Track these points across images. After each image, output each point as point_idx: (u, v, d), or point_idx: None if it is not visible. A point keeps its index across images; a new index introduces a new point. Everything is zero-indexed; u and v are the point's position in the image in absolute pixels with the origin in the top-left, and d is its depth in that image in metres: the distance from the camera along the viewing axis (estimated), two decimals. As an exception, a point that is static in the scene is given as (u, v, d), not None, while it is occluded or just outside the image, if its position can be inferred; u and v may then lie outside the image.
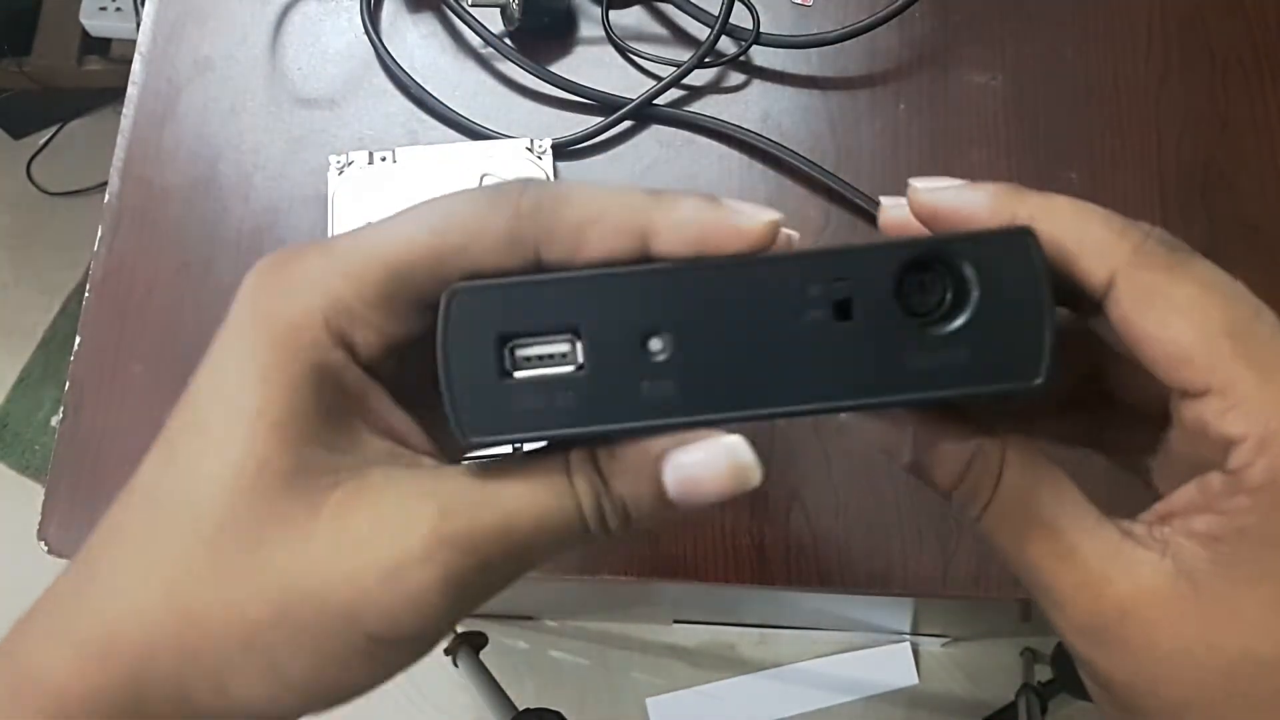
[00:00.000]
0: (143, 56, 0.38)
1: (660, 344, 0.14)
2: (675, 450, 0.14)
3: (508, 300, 0.14)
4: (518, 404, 0.14)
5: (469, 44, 0.38)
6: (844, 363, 0.14)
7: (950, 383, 0.14)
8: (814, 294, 0.14)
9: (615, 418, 0.14)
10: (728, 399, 0.14)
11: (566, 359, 0.14)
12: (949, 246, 0.14)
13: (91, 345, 0.34)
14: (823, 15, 0.38)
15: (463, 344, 0.14)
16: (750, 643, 0.91)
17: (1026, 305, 0.14)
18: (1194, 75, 0.37)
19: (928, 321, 0.14)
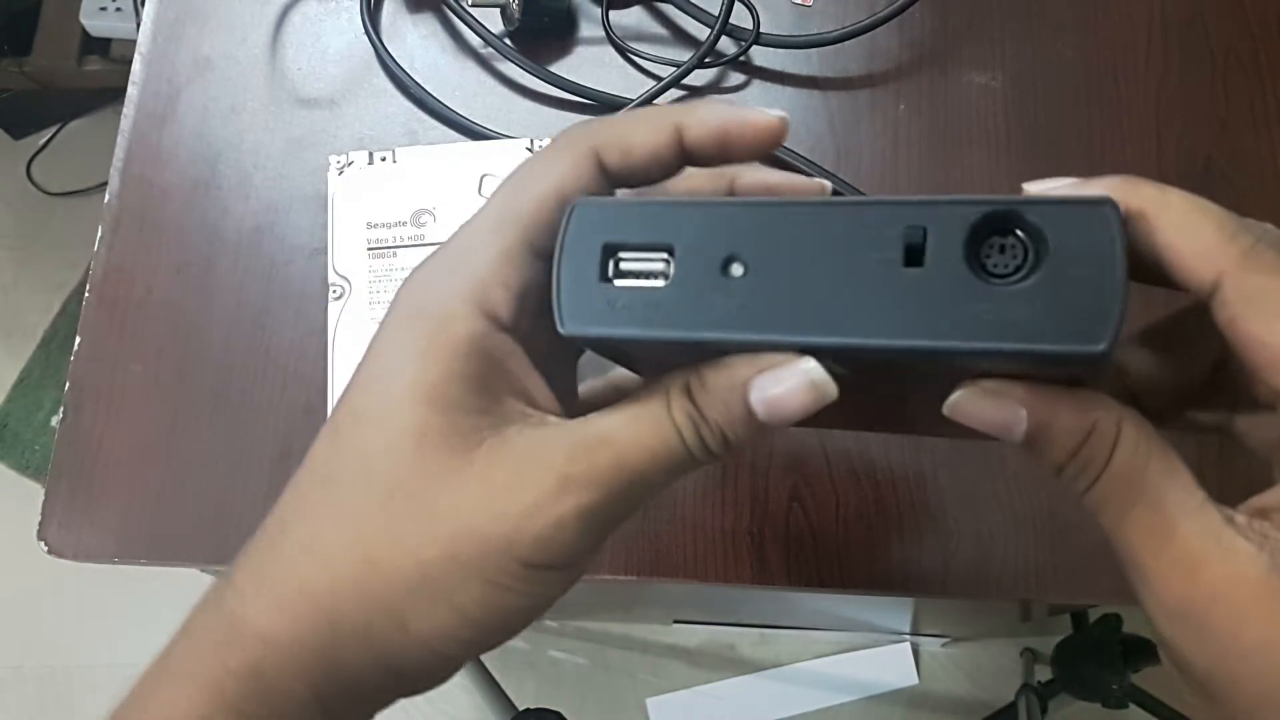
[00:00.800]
0: (143, 56, 0.38)
1: (740, 268, 0.15)
2: (757, 377, 0.16)
3: (616, 216, 0.16)
4: (612, 305, 0.16)
5: (469, 44, 0.38)
6: (906, 304, 0.14)
7: (1008, 336, 0.14)
8: (887, 237, 0.15)
9: (690, 326, 0.16)
10: (791, 323, 0.15)
11: (661, 275, 0.16)
12: (1024, 207, 0.14)
13: (91, 345, 0.34)
14: (823, 15, 0.38)
15: (575, 249, 0.16)
16: (750, 643, 0.91)
17: (1100, 272, 0.14)
18: (1194, 75, 0.37)
19: (999, 278, 0.14)
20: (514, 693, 0.71)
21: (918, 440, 0.33)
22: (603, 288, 0.16)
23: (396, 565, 0.16)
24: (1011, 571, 0.32)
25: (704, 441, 0.16)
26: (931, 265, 0.14)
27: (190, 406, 0.34)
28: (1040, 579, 0.32)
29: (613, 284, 0.16)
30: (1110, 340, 0.14)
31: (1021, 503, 0.33)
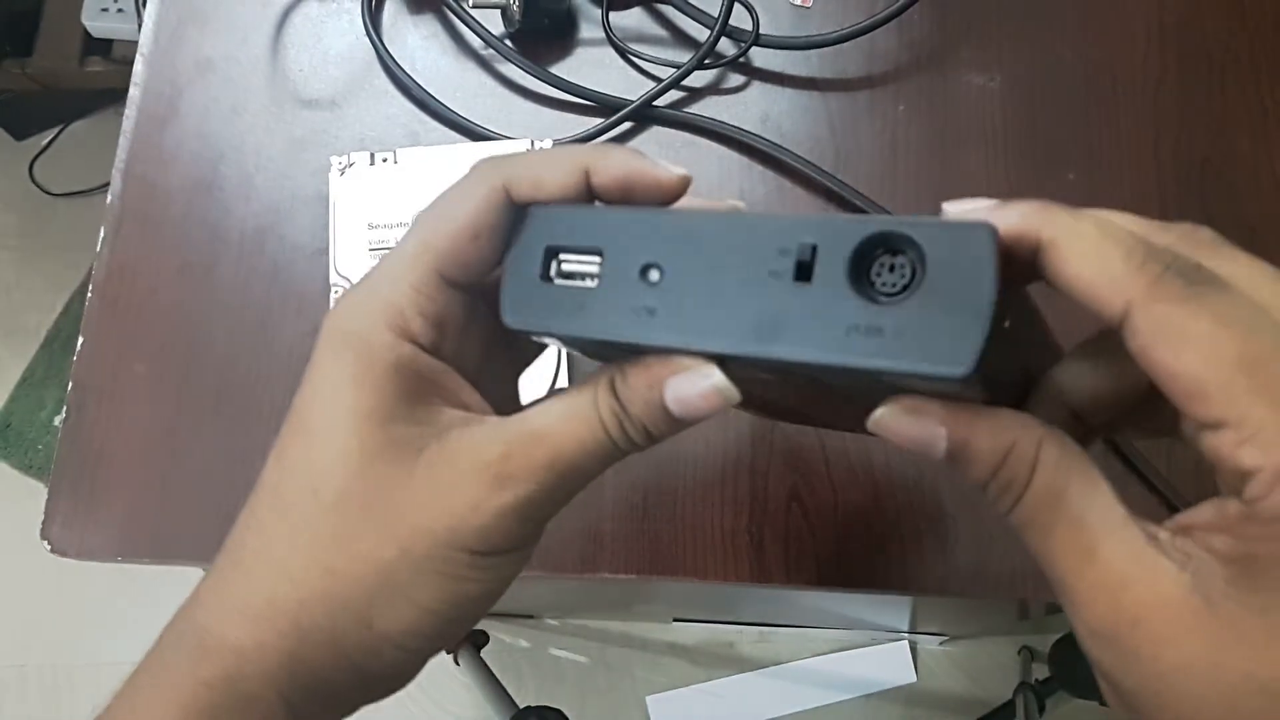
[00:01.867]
0: (144, 57, 0.38)
1: (657, 274, 0.17)
2: (670, 378, 0.17)
3: (562, 221, 0.18)
4: (549, 303, 0.17)
5: (470, 45, 0.38)
6: (794, 318, 0.15)
7: (879, 354, 0.15)
8: (782, 252, 0.16)
9: (610, 328, 0.17)
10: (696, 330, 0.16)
11: (593, 277, 0.17)
12: (906, 228, 0.15)
13: (94, 345, 0.35)
14: (822, 17, 0.38)
15: (522, 250, 0.18)
16: (749, 641, 0.92)
17: (972, 297, 0.14)
18: (1192, 76, 0.37)
19: (882, 298, 0.15)
20: (515, 691, 0.71)
21: (916, 440, 0.33)
22: (542, 287, 0.17)
23: (356, 571, 0.17)
24: (1009, 570, 0.32)
25: (628, 434, 0.18)
26: (818, 281, 0.15)
27: (193, 406, 0.34)
28: (1038, 578, 0.32)
29: (552, 283, 0.17)
30: (972, 364, 0.14)
31: (1019, 502, 0.33)
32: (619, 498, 0.33)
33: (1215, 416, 0.14)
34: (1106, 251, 0.15)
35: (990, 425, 0.16)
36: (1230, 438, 0.14)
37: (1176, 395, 0.14)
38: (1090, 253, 0.15)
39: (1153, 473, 0.33)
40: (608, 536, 0.32)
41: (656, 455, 0.33)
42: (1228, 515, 0.15)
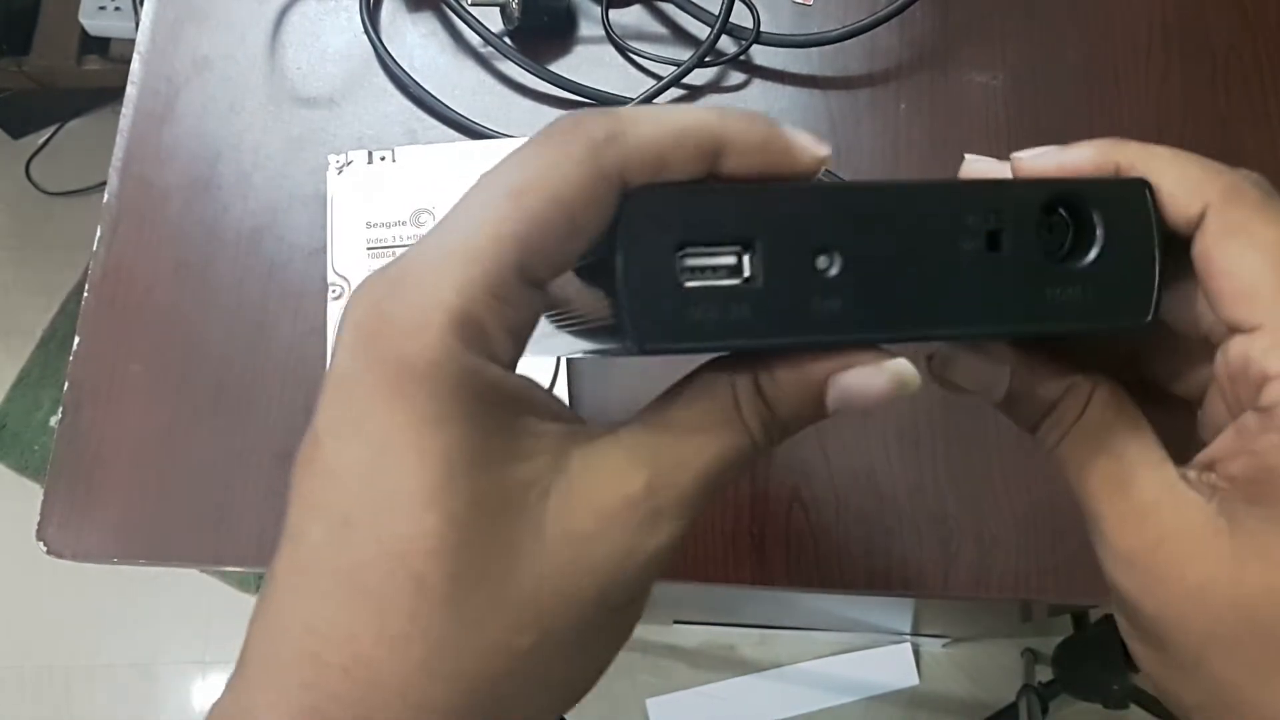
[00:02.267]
0: (142, 56, 0.38)
1: (828, 261, 0.14)
2: (841, 375, 0.15)
3: (682, 208, 0.14)
4: (692, 313, 0.14)
5: (468, 43, 0.38)
6: (994, 291, 0.15)
7: (1078, 317, 0.15)
8: (970, 223, 0.15)
9: (788, 331, 0.14)
10: (891, 319, 0.15)
11: (732, 272, 0.14)
12: (1086, 187, 0.15)
13: (90, 345, 0.34)
14: (823, 14, 0.38)
15: (638, 250, 0.14)
16: (750, 643, 0.91)
17: (1141, 249, 0.15)
18: (1194, 73, 0.37)
19: (1060, 259, 0.15)
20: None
21: (918, 441, 0.33)
22: (680, 293, 0.14)
23: (490, 672, 0.13)
24: (1012, 572, 0.32)
25: (771, 438, 0.15)
26: (1009, 250, 0.15)
27: (189, 406, 0.34)
28: (1041, 579, 0.32)
29: (687, 287, 0.14)
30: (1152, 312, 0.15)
31: (1022, 503, 0.32)
32: (619, 499, 0.32)
33: (1256, 319, 0.15)
34: (1184, 161, 0.16)
35: (1053, 368, 0.16)
36: (1262, 342, 0.14)
37: (1225, 295, 0.15)
38: (1168, 165, 0.16)
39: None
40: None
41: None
42: (1246, 432, 0.15)
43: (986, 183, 0.15)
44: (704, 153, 0.14)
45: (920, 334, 0.15)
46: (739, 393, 0.15)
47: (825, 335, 0.14)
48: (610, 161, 0.13)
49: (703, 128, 0.14)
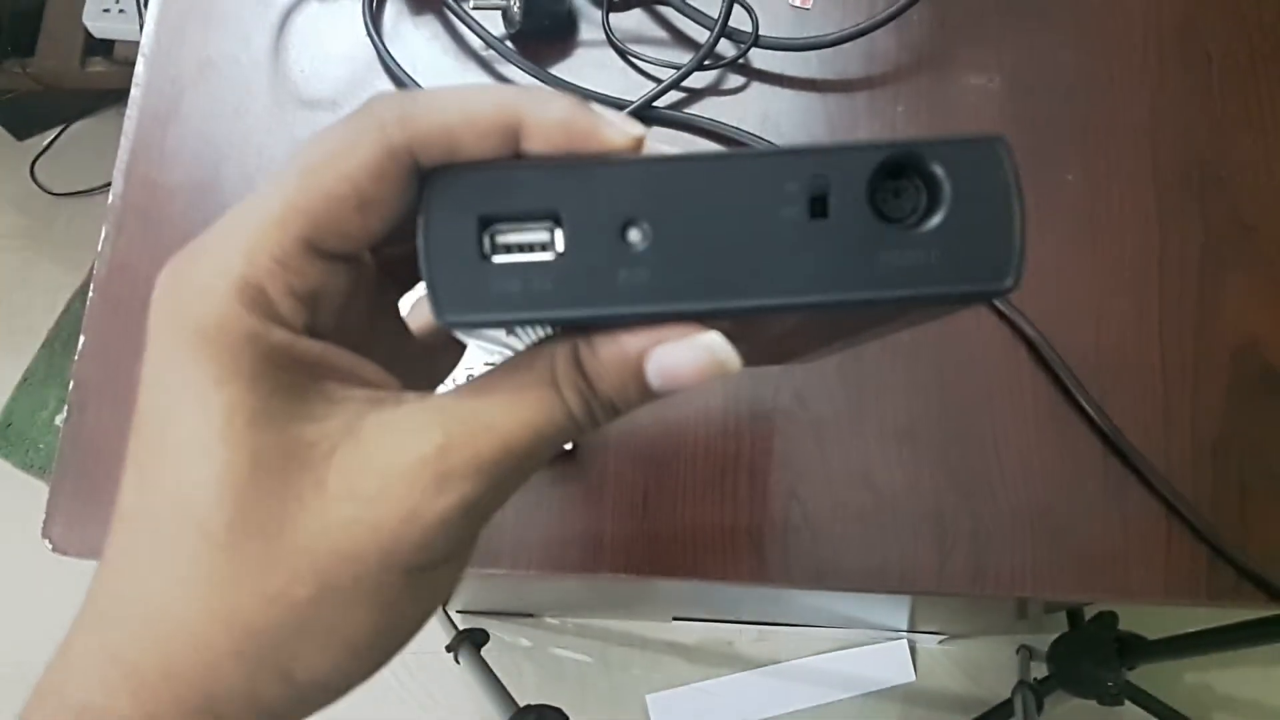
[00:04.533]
0: (146, 58, 0.38)
1: (638, 234, 0.14)
2: (655, 349, 0.14)
3: (488, 185, 0.14)
4: (496, 287, 0.14)
5: (470, 46, 0.38)
6: (818, 259, 0.14)
7: (921, 281, 0.14)
8: (790, 190, 0.14)
9: (590, 303, 0.14)
10: (702, 290, 0.14)
11: (546, 247, 0.14)
12: (922, 149, 0.14)
13: (95, 345, 0.35)
14: (821, 18, 0.38)
15: (443, 226, 0.14)
16: (748, 640, 0.92)
17: (999, 209, 0.14)
18: (1190, 76, 0.37)
19: (902, 224, 0.14)
20: (515, 689, 0.71)
21: (915, 438, 0.33)
22: (482, 267, 0.14)
23: (269, 618, 0.14)
24: (1008, 569, 0.32)
25: (593, 413, 0.15)
26: (836, 215, 0.14)
27: (194, 406, 0.34)
28: (1036, 576, 0.32)
29: (492, 261, 0.14)
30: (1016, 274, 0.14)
31: (1018, 500, 0.33)
32: (619, 497, 0.33)
33: None
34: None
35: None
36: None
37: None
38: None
39: (1151, 471, 0.33)
40: (608, 536, 0.32)
41: (656, 454, 0.33)
42: None
43: (809, 148, 0.14)
44: (499, 132, 0.14)
45: (731, 304, 0.14)
46: (557, 362, 0.15)
47: (628, 306, 0.14)
48: (399, 141, 0.14)
49: (495, 107, 0.14)
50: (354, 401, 0.15)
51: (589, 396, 0.15)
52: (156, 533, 0.14)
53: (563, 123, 0.14)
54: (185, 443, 0.14)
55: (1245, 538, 0.32)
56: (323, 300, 0.15)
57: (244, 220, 0.14)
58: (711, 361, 0.14)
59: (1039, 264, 0.35)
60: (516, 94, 0.14)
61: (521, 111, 0.14)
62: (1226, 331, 0.34)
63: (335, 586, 0.14)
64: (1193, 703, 0.81)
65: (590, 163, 0.14)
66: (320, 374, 0.15)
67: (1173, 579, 0.32)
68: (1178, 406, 0.34)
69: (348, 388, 0.15)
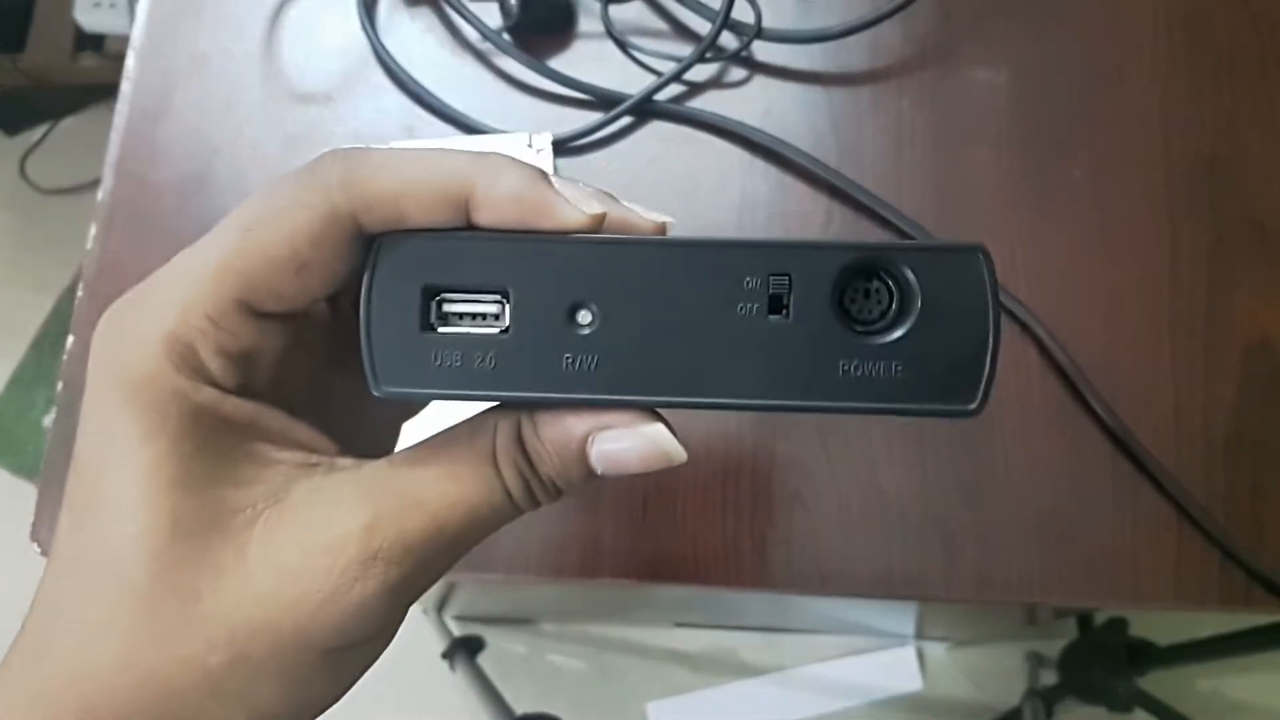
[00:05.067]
0: (137, 52, 0.37)
1: (588, 316, 0.14)
2: (599, 435, 0.14)
3: (437, 254, 0.14)
4: (436, 360, 0.14)
5: (467, 39, 0.37)
6: (773, 361, 0.14)
7: (879, 397, 0.13)
8: (749, 286, 0.14)
9: (531, 386, 0.14)
10: (650, 381, 0.14)
11: (495, 320, 0.14)
12: (894, 255, 0.14)
13: (84, 344, 0.34)
14: (825, 10, 0.37)
15: (387, 293, 0.14)
16: (752, 647, 0.91)
17: (971, 326, 0.13)
18: (1199, 71, 0.37)
19: (866, 330, 0.14)
20: (512, 698, 0.71)
21: (921, 442, 0.33)
22: (425, 339, 0.14)
23: (181, 680, 0.14)
24: (1017, 574, 0.32)
25: (533, 494, 0.15)
26: (796, 316, 0.14)
27: (183, 406, 0.33)
28: (1045, 582, 0.32)
29: (436, 332, 0.14)
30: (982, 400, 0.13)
31: (1026, 505, 0.32)
32: (619, 501, 0.32)
33: None
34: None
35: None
36: None
37: None
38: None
39: (1162, 473, 0.32)
40: (608, 540, 0.32)
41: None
42: None
43: (773, 243, 0.14)
44: (447, 203, 0.14)
45: (678, 400, 0.14)
46: (499, 441, 0.14)
47: (571, 393, 0.14)
48: (342, 206, 0.14)
49: (444, 177, 0.14)
50: (285, 466, 0.14)
51: (529, 476, 0.15)
52: (84, 581, 0.14)
53: (515, 198, 0.14)
54: (113, 496, 0.14)
55: (1258, 541, 0.32)
56: (258, 359, 0.14)
57: (182, 273, 0.14)
58: (656, 453, 0.14)
59: (1047, 262, 0.34)
60: (470, 163, 0.14)
61: (472, 183, 0.14)
62: (1237, 330, 0.34)
63: (251, 657, 0.14)
64: (1204, 710, 0.80)
65: (542, 240, 0.14)
66: (251, 435, 0.14)
67: (1183, 584, 0.32)
68: (1188, 407, 0.33)
69: (280, 450, 0.14)
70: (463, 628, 0.80)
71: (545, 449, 0.14)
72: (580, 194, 0.14)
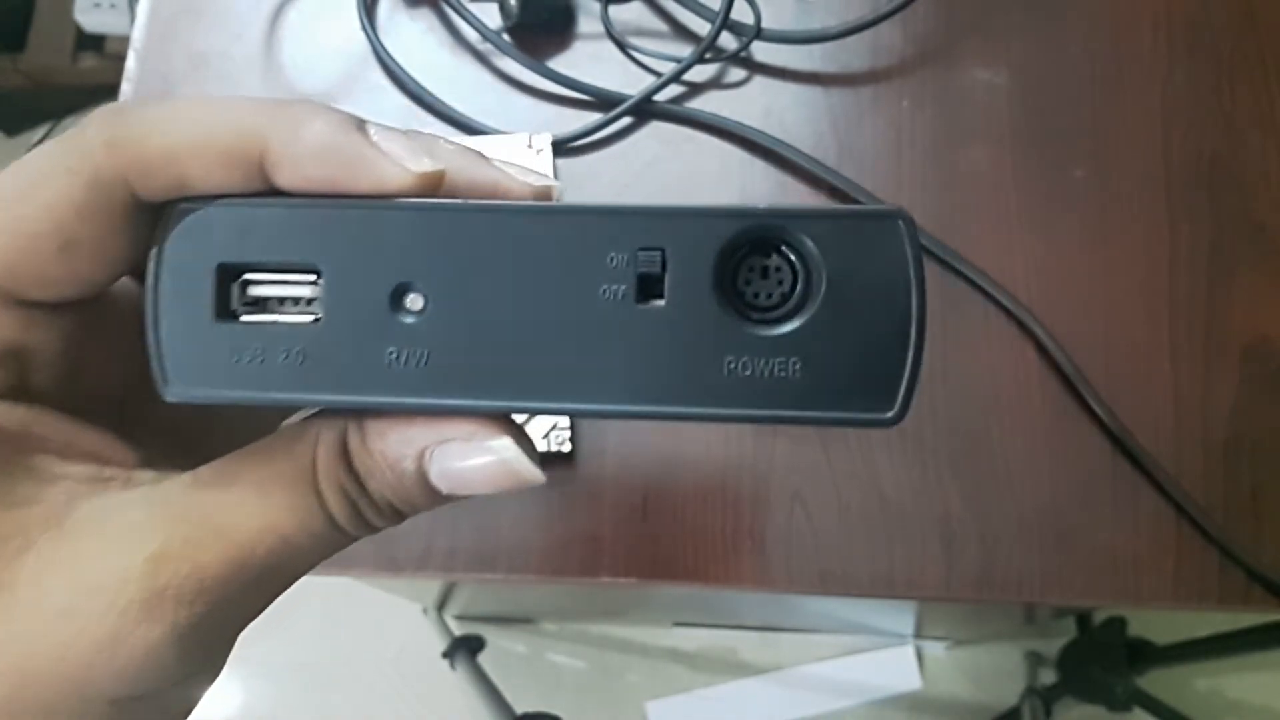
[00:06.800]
0: (137, 52, 0.37)
1: (418, 301, 0.11)
2: (436, 450, 0.12)
3: (231, 223, 0.11)
4: (234, 354, 0.12)
5: (466, 39, 0.37)
6: (643, 356, 0.11)
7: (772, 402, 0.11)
8: (614, 263, 0.11)
9: (348, 388, 0.11)
10: (491, 382, 0.11)
11: (309, 305, 0.12)
12: (789, 222, 0.11)
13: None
14: (825, 10, 0.37)
15: (176, 273, 0.11)
16: (751, 646, 0.91)
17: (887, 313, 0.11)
18: (1200, 72, 0.37)
19: (760, 318, 0.11)
20: (512, 697, 0.71)
21: (920, 440, 0.33)
22: (221, 329, 0.11)
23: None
24: (1016, 573, 0.32)
25: (364, 518, 0.12)
26: (672, 300, 0.11)
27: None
28: (1045, 581, 0.32)
29: (237, 321, 0.12)
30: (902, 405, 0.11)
31: (1026, 504, 0.32)
32: (619, 500, 0.32)
33: None
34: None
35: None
36: None
37: None
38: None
39: (1161, 473, 0.32)
40: (607, 540, 0.32)
41: (657, 456, 0.33)
42: None
43: (644, 210, 0.11)
44: (236, 162, 0.11)
45: (524, 404, 0.11)
46: (319, 453, 0.12)
47: (395, 396, 0.11)
48: (108, 171, 0.11)
49: (230, 131, 0.11)
50: (70, 482, 0.12)
51: (356, 497, 0.12)
52: None
53: (320, 153, 0.11)
54: None
55: (1257, 540, 0.32)
56: (30, 356, 0.12)
57: None
58: (504, 473, 0.12)
59: (1047, 261, 0.34)
60: (263, 112, 0.11)
61: (266, 137, 0.11)
62: (1237, 330, 0.34)
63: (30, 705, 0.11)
64: (1203, 709, 0.81)
65: (360, 205, 0.11)
66: (26, 446, 0.12)
67: (1183, 583, 0.32)
68: (1188, 407, 0.33)
69: (64, 464, 0.12)
70: (463, 627, 0.81)
71: (375, 464, 0.12)
72: (407, 147, 0.11)
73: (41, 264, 0.11)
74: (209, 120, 0.11)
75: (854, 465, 0.32)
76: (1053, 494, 0.32)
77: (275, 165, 0.11)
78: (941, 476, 0.32)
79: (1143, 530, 0.32)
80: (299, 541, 0.12)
